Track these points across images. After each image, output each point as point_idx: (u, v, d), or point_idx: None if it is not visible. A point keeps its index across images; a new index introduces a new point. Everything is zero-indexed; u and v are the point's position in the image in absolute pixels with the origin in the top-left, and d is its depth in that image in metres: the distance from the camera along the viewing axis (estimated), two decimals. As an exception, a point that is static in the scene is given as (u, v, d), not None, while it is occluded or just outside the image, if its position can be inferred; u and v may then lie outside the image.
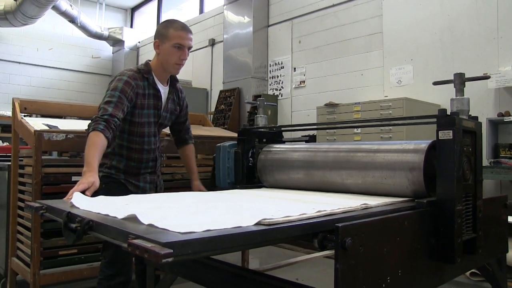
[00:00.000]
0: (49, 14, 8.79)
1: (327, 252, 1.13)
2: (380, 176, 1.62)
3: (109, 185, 2.15)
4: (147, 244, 0.86)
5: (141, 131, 2.19)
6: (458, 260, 1.40)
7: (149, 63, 2.22)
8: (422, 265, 1.38)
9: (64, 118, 4.11)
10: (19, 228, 2.95)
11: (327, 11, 6.01)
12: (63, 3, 8.71)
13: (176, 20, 2.20)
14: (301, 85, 6.36)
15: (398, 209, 1.39)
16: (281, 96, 6.63)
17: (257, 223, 1.06)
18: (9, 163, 3.14)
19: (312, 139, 5.21)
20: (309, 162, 1.87)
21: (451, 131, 1.42)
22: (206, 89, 8.22)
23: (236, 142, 2.25)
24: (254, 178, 2.20)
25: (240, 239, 0.99)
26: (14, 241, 2.99)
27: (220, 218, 1.10)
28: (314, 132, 5.20)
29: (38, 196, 2.56)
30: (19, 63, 9.84)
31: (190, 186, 2.51)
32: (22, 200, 2.93)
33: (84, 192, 1.69)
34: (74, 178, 2.78)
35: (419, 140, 1.60)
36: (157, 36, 2.17)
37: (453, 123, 1.42)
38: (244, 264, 3.41)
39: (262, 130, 2.32)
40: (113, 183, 2.19)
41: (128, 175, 2.23)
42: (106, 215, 1.21)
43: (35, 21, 8.77)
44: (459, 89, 1.60)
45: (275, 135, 2.36)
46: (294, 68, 6.48)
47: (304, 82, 6.32)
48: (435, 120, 1.46)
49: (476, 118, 1.60)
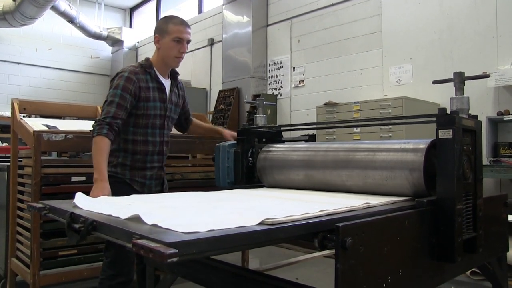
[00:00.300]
0: (48, 14, 8.77)
1: (327, 252, 1.13)
2: (380, 176, 1.61)
3: (114, 185, 2.16)
4: (152, 244, 0.86)
5: (146, 123, 2.24)
6: (459, 259, 1.40)
7: (150, 59, 2.30)
8: (423, 265, 1.38)
9: (63, 119, 4.11)
10: (19, 229, 2.94)
11: (326, 10, 6.01)
12: (62, 3, 8.69)
13: (175, 16, 2.31)
14: (300, 85, 6.36)
15: (399, 209, 1.39)
16: (280, 96, 6.63)
17: (261, 223, 1.07)
18: (9, 164, 3.14)
19: (312, 139, 5.22)
20: (310, 162, 1.87)
21: (451, 130, 1.41)
22: (205, 89, 8.21)
23: (236, 142, 2.25)
24: (254, 178, 2.19)
25: (244, 239, 0.99)
26: (14, 242, 2.99)
27: (224, 218, 1.10)
28: (314, 132, 5.19)
29: (38, 197, 2.56)
30: (18, 64, 9.83)
31: (223, 137, 2.61)
32: (22, 201, 2.93)
33: None
34: (74, 179, 2.78)
35: (419, 139, 1.60)
36: (157, 31, 2.26)
37: (453, 122, 1.42)
38: (244, 264, 3.41)
39: (262, 130, 2.32)
40: (118, 183, 2.21)
41: (134, 171, 2.26)
42: (109, 216, 1.21)
43: (34, 22, 8.76)
44: (459, 88, 1.59)
45: (275, 135, 2.36)
46: (293, 68, 6.47)
47: (303, 82, 6.32)
48: (435, 119, 1.46)
49: (476, 117, 1.60)
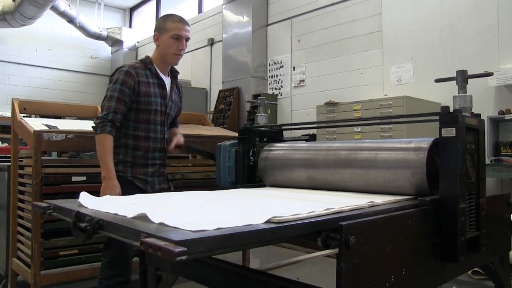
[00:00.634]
0: (48, 15, 8.76)
1: (328, 252, 1.12)
2: (383, 175, 1.61)
3: None
4: (160, 243, 0.86)
5: (147, 118, 2.24)
6: (462, 259, 1.39)
7: (150, 57, 2.33)
8: (425, 264, 1.38)
9: (64, 119, 4.10)
10: (20, 229, 2.94)
11: (326, 10, 6.00)
12: (62, 4, 8.68)
13: (174, 14, 2.34)
14: (301, 84, 6.35)
15: (402, 208, 1.38)
16: (281, 96, 6.62)
17: (267, 221, 1.06)
18: (9, 164, 3.13)
19: (312, 138, 5.21)
20: (312, 161, 1.86)
21: (454, 129, 1.41)
22: (205, 89, 8.20)
23: (237, 141, 2.24)
24: (255, 177, 2.19)
25: (252, 237, 0.99)
26: (15, 242, 2.98)
27: (230, 217, 1.10)
28: (314, 131, 5.19)
29: (38, 197, 2.56)
30: (18, 64, 9.82)
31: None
32: (22, 201, 2.93)
33: None
34: (74, 179, 2.77)
35: (422, 138, 1.59)
36: (157, 29, 2.30)
37: (456, 121, 1.41)
38: (245, 264, 3.40)
39: (263, 129, 2.31)
40: (121, 183, 2.19)
41: (136, 168, 2.24)
42: (115, 214, 1.21)
43: (34, 22, 8.75)
44: (462, 86, 1.59)
45: (276, 134, 2.35)
46: (294, 67, 6.47)
47: (304, 81, 6.31)
48: (438, 118, 1.45)
49: (479, 116, 1.59)
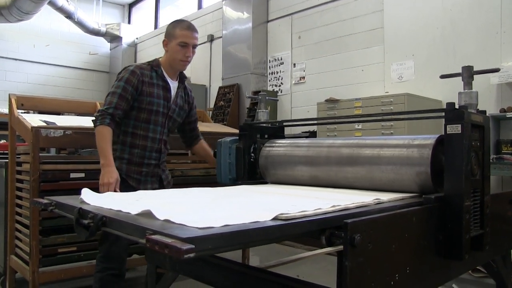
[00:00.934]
0: (45, 10, 8.71)
1: (329, 249, 1.11)
2: (387, 172, 1.58)
3: None
4: (167, 240, 0.84)
5: (147, 118, 2.29)
6: (466, 257, 1.37)
7: (158, 59, 2.39)
8: (430, 262, 1.36)
9: (62, 115, 4.08)
10: (18, 226, 2.92)
11: (327, 6, 5.97)
12: (60, -2, 8.65)
13: (184, 20, 2.39)
14: (301, 81, 6.33)
15: (407, 205, 1.36)
16: (281, 92, 6.59)
17: (274, 218, 1.05)
18: (7, 161, 3.11)
19: (312, 135, 5.19)
20: (314, 158, 1.83)
21: (460, 125, 1.39)
22: (205, 86, 8.18)
23: (237, 138, 2.21)
24: (256, 174, 2.16)
25: (259, 234, 0.98)
26: (13, 239, 2.96)
27: (236, 213, 1.09)
28: (314, 128, 5.17)
29: (36, 193, 2.55)
30: (15, 60, 9.78)
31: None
32: (20, 198, 2.90)
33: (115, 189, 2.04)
34: (73, 175, 2.75)
35: (426, 135, 1.57)
36: (166, 36, 2.35)
37: (462, 117, 1.39)
38: (245, 261, 3.38)
39: (264, 125, 2.29)
40: None
41: (131, 166, 2.29)
42: (119, 211, 1.19)
43: (31, 17, 8.70)
44: (467, 83, 1.56)
45: (277, 131, 2.33)
46: (294, 64, 6.44)
47: (304, 78, 6.29)
48: (443, 114, 1.43)
49: (484, 112, 1.57)
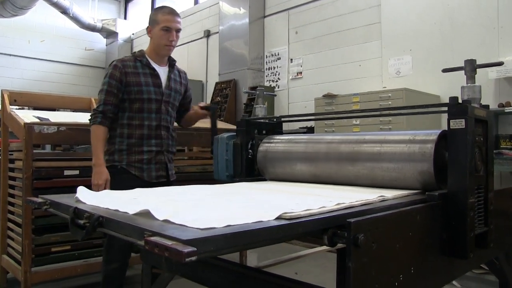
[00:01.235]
0: (40, 5, 8.62)
1: (329, 247, 1.06)
2: (388, 168, 1.54)
3: (114, 177, 2.27)
4: (167, 242, 0.79)
5: (140, 107, 2.32)
6: (471, 255, 1.33)
7: (143, 50, 2.43)
8: (434, 261, 1.32)
9: (58, 111, 4.03)
10: (10, 225, 2.88)
11: (324, 1, 5.92)
12: (55, -7, 8.55)
13: (165, 6, 2.42)
14: (298, 77, 6.28)
15: (411, 203, 1.32)
16: (278, 88, 6.54)
17: (278, 217, 1.00)
18: (-1, 157, 3.06)
19: (310, 131, 5.15)
20: (314, 154, 1.79)
21: (464, 120, 1.35)
22: (202, 81, 8.12)
23: (235, 134, 2.16)
24: (254, 171, 2.12)
25: (263, 234, 0.93)
26: (5, 238, 2.92)
27: (239, 213, 1.05)
28: (312, 124, 5.12)
29: (29, 191, 2.52)
30: (10, 55, 9.67)
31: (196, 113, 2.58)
32: (13, 196, 2.86)
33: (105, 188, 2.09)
34: (67, 172, 2.72)
35: (428, 130, 1.53)
36: (149, 22, 2.38)
37: (466, 112, 1.35)
38: (243, 260, 3.35)
39: (262, 121, 2.24)
40: (118, 174, 2.29)
41: (131, 156, 2.31)
42: (116, 211, 1.14)
43: (26, 12, 8.60)
44: (470, 76, 1.52)
45: (275, 126, 2.28)
46: (291, 59, 6.39)
47: (301, 73, 6.24)
48: (446, 109, 1.39)
49: (487, 107, 1.53)
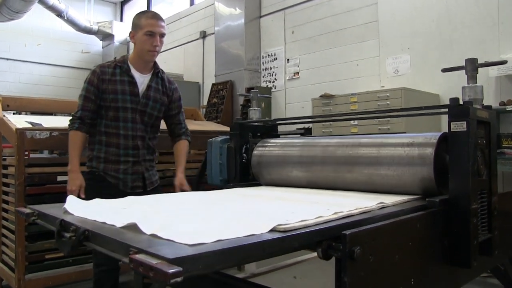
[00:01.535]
0: (37, 8, 8.57)
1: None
2: (387, 172, 1.48)
3: (92, 183, 2.25)
4: (152, 261, 0.74)
5: (115, 116, 2.26)
6: (475, 264, 1.28)
7: (126, 56, 2.39)
8: (435, 271, 1.26)
9: (55, 115, 3.98)
10: (3, 231, 2.85)
11: (321, 0, 5.86)
12: (50, -3, 8.48)
13: (148, 10, 2.47)
14: (295, 77, 6.22)
15: (411, 210, 1.26)
16: (275, 88, 6.48)
17: (272, 230, 0.94)
18: (-9, 164, 3.00)
19: (308, 132, 5.09)
20: (310, 158, 1.73)
21: (465, 122, 1.29)
22: (198, 83, 8.06)
23: (229, 137, 2.11)
24: (248, 175, 2.07)
25: (255, 250, 0.87)
26: (-1, 245, 2.87)
27: (230, 225, 0.99)
28: (310, 125, 5.06)
29: (22, 198, 2.50)
30: (7, 59, 9.61)
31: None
32: (6, 202, 2.82)
33: (79, 195, 2.05)
34: (60, 178, 2.68)
35: (428, 133, 1.47)
36: (132, 27, 2.30)
37: (467, 114, 1.29)
38: (240, 266, 3.27)
39: (256, 124, 2.18)
40: (95, 181, 2.26)
41: (108, 165, 2.27)
42: (103, 223, 1.10)
43: (22, 16, 8.55)
44: (472, 76, 1.46)
45: (270, 129, 2.23)
46: (288, 60, 6.33)
47: (298, 74, 6.18)
48: (447, 111, 1.33)
49: (490, 107, 1.47)
